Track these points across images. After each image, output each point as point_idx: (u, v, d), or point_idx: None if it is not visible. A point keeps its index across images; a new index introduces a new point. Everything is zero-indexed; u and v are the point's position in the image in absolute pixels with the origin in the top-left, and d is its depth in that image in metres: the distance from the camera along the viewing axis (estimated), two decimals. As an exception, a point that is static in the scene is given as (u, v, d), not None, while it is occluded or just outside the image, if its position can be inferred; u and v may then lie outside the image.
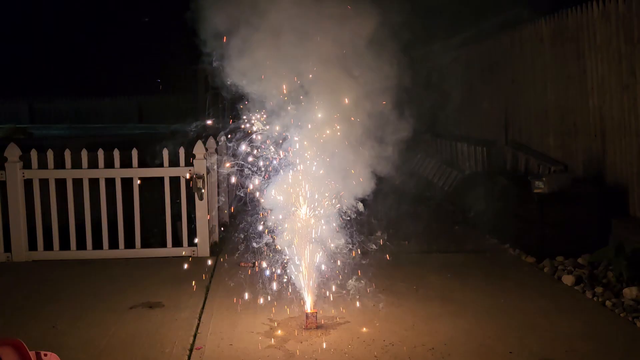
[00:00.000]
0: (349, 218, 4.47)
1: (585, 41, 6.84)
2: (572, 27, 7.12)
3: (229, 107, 4.47)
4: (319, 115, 4.27)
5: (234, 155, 4.36)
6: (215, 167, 6.80)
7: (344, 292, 4.77)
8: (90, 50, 20.75)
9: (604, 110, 6.55)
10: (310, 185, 4.33)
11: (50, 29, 20.65)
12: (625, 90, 6.14)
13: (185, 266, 5.80)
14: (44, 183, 6.14)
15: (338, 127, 4.29)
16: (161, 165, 6.19)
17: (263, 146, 4.33)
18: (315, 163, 4.33)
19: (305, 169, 4.34)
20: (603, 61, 6.51)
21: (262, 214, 4.41)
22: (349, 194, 4.38)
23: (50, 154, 6.14)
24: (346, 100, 4.24)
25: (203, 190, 6.09)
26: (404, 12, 4.39)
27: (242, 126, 4.35)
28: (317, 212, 4.35)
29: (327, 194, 4.36)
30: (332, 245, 4.44)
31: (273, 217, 4.36)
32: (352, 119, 4.27)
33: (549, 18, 7.69)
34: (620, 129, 6.25)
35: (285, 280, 4.58)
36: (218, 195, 7.07)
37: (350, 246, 4.56)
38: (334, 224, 4.43)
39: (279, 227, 4.37)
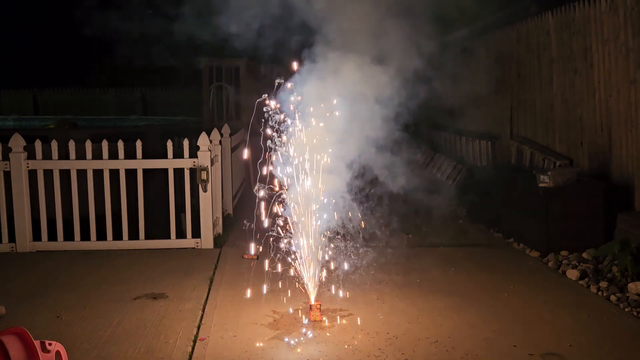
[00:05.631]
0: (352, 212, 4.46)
1: (592, 35, 6.80)
2: (579, 20, 7.08)
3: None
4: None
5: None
6: (219, 158, 6.79)
7: (348, 284, 4.77)
8: (94, 41, 20.74)
9: (610, 104, 6.51)
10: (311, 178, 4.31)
11: (53, 19, 20.62)
12: (632, 84, 6.10)
13: (189, 258, 5.81)
14: (48, 174, 6.14)
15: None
16: (165, 156, 6.19)
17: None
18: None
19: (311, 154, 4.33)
20: (610, 55, 6.47)
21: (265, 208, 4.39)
22: (350, 186, 4.37)
23: (54, 145, 6.14)
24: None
25: (207, 182, 6.09)
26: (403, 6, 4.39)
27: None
28: (320, 204, 4.33)
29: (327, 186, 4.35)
30: (336, 237, 4.44)
31: (276, 209, 4.35)
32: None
33: (555, 11, 7.65)
34: (626, 123, 6.22)
35: (288, 272, 4.57)
36: (222, 186, 7.06)
37: (354, 239, 4.55)
38: (337, 219, 4.41)
39: (282, 219, 4.36)
